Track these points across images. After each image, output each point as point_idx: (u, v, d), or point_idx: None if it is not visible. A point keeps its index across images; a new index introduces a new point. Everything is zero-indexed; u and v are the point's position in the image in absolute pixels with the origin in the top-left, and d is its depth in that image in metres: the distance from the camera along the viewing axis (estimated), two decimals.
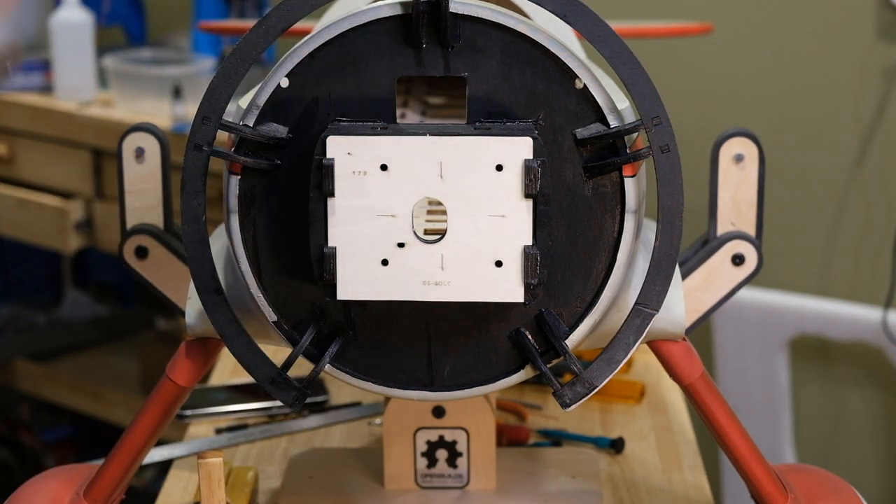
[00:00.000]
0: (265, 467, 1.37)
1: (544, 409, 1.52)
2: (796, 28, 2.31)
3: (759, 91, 2.35)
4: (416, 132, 1.00)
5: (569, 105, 1.02)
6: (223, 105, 1.01)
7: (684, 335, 1.16)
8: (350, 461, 1.33)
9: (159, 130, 1.21)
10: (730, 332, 2.37)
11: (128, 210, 1.22)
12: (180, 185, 1.04)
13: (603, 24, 1.00)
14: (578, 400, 1.05)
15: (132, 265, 1.23)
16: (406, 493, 1.27)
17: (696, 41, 2.31)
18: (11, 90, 2.57)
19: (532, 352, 1.05)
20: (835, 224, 2.35)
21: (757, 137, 1.19)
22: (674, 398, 1.55)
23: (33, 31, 2.74)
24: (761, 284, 2.32)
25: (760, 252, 1.20)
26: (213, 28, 2.30)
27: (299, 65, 1.02)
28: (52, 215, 2.50)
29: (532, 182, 0.99)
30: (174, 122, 2.33)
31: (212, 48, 2.53)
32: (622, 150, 1.02)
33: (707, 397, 1.16)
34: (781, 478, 1.19)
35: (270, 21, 1.01)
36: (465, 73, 1.02)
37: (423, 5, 1.00)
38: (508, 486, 1.27)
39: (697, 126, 2.12)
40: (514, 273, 1.01)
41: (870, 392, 2.39)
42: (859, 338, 2.29)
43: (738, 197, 1.20)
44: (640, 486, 1.34)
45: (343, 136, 1.00)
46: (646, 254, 1.06)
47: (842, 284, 2.36)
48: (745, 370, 2.38)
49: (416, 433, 1.26)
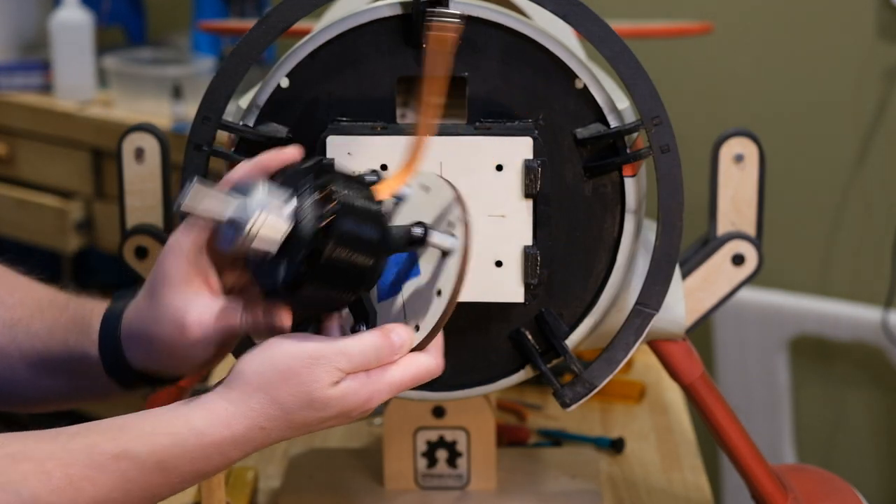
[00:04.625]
0: (265, 467, 1.37)
1: (544, 409, 1.52)
2: (796, 28, 2.30)
3: (759, 91, 2.35)
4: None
5: (569, 105, 1.02)
6: (223, 105, 1.01)
7: (684, 335, 1.16)
8: (350, 461, 1.33)
9: (159, 130, 1.21)
10: (730, 332, 2.37)
11: (128, 210, 1.22)
12: (180, 185, 1.04)
13: (603, 24, 1.00)
14: (578, 400, 1.05)
15: (132, 265, 1.23)
16: (406, 493, 1.27)
17: (696, 41, 2.31)
18: (11, 90, 2.57)
19: (532, 352, 1.05)
20: (835, 224, 2.35)
21: (757, 137, 1.19)
22: (674, 398, 1.55)
23: (33, 31, 2.74)
24: (761, 284, 2.32)
25: (760, 252, 1.20)
26: (213, 28, 2.30)
27: (299, 65, 1.02)
28: (51, 215, 2.50)
29: (532, 182, 0.99)
30: (174, 122, 2.33)
31: (212, 48, 2.53)
32: (622, 150, 1.02)
33: (707, 397, 1.16)
34: (781, 478, 1.19)
35: (270, 21, 1.01)
36: (465, 73, 1.02)
37: (423, 5, 1.00)
38: (508, 486, 1.27)
39: (697, 126, 2.11)
40: (514, 273, 1.01)
41: (870, 392, 2.39)
42: (859, 338, 2.29)
43: (738, 197, 1.20)
44: (640, 486, 1.34)
45: (343, 136, 1.00)
46: (646, 254, 1.06)
47: (842, 284, 2.36)
48: (745, 370, 2.38)
49: (416, 433, 1.26)
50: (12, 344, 1.00)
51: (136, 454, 0.84)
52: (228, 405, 0.87)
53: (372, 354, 0.88)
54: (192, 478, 0.86)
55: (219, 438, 0.86)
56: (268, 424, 0.86)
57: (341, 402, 0.87)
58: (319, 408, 0.87)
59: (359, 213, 0.87)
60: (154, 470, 0.84)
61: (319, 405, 0.87)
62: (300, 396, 0.86)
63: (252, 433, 0.86)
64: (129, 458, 0.84)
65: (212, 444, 0.86)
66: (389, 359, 0.88)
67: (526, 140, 0.99)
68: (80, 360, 0.98)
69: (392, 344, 0.88)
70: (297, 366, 0.86)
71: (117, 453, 0.84)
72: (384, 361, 0.88)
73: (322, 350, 0.87)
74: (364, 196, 0.88)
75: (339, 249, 0.85)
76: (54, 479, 0.82)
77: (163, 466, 0.84)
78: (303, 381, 0.86)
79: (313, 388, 0.86)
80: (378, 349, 0.88)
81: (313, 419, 0.87)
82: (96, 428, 0.85)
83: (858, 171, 2.31)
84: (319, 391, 0.86)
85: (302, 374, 0.86)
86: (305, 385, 0.86)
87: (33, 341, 0.99)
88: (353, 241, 0.86)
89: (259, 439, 0.87)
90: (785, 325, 2.34)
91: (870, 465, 2.41)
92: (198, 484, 1.08)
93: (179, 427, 0.86)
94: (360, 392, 0.88)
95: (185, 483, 0.87)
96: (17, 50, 2.70)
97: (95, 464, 0.83)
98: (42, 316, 1.00)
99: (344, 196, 0.86)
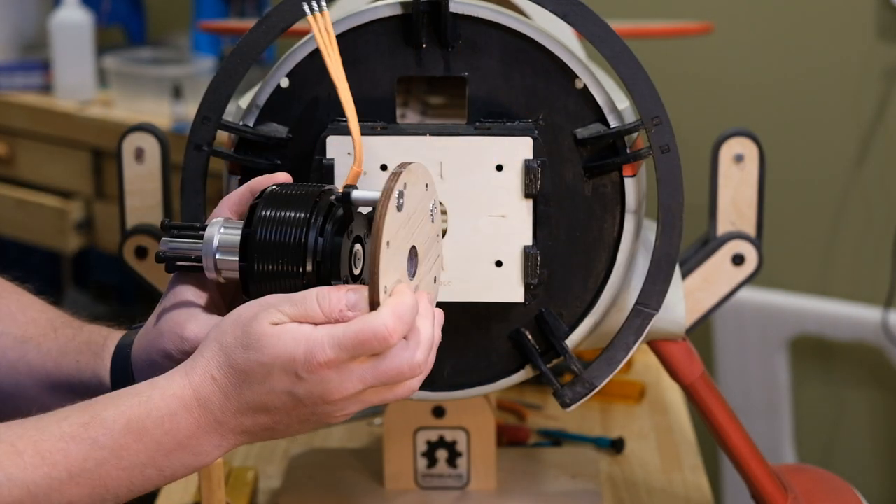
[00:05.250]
0: (265, 467, 1.37)
1: (544, 409, 1.52)
2: (796, 28, 2.30)
3: (759, 91, 2.35)
4: (416, 132, 1.00)
5: (569, 105, 1.02)
6: (223, 105, 1.01)
7: (684, 335, 1.16)
8: (350, 461, 1.33)
9: (159, 130, 1.21)
10: (730, 332, 2.37)
11: (128, 210, 1.22)
12: (180, 185, 1.04)
13: (603, 24, 1.00)
14: (578, 400, 1.05)
15: (132, 265, 1.23)
16: (406, 493, 1.27)
17: (696, 41, 2.31)
18: (11, 90, 2.57)
19: (532, 352, 1.05)
20: (835, 224, 2.35)
21: (757, 137, 1.19)
22: (674, 398, 1.55)
23: (33, 31, 2.74)
24: (761, 284, 2.32)
25: (760, 252, 1.20)
26: (213, 28, 2.30)
27: (299, 65, 1.02)
28: (51, 215, 2.50)
29: (532, 182, 0.99)
30: (174, 122, 2.33)
31: (212, 48, 2.53)
32: (622, 150, 1.02)
33: (707, 397, 1.16)
34: (781, 478, 1.19)
35: (270, 21, 1.01)
36: (465, 73, 1.02)
37: (423, 5, 1.00)
38: (508, 486, 1.27)
39: (697, 126, 2.11)
40: (514, 273, 1.01)
41: (870, 392, 2.39)
42: (859, 338, 2.29)
43: (738, 197, 1.20)
44: (640, 486, 1.34)
45: (343, 136, 1.00)
46: (646, 254, 1.06)
47: (842, 284, 2.36)
48: (745, 370, 2.38)
49: (416, 433, 1.26)
50: (22, 360, 1.01)
51: (104, 417, 0.84)
52: (189, 361, 0.88)
53: (314, 302, 0.85)
54: (170, 448, 0.86)
55: (179, 390, 0.86)
56: (217, 373, 0.86)
57: (279, 342, 0.84)
58: (256, 346, 0.85)
59: (284, 196, 0.89)
60: (123, 432, 0.84)
61: (255, 342, 0.85)
62: (238, 334, 0.86)
63: (205, 383, 0.86)
64: (97, 423, 0.84)
65: (174, 397, 0.86)
66: (338, 313, 0.85)
67: (526, 140, 0.99)
68: (88, 382, 0.99)
69: (343, 297, 0.85)
70: (245, 313, 0.87)
71: (86, 420, 0.84)
72: (330, 314, 0.85)
73: (270, 298, 0.87)
74: (300, 187, 0.91)
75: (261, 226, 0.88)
76: (26, 455, 0.82)
77: (131, 427, 0.85)
78: (244, 320, 0.86)
79: (251, 324, 0.85)
80: (322, 297, 0.85)
81: (253, 365, 0.85)
82: (68, 407, 0.87)
83: (858, 171, 2.31)
84: (256, 326, 0.85)
85: (244, 314, 0.86)
86: (245, 323, 0.86)
87: (44, 359, 1.01)
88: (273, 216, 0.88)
89: (218, 397, 0.86)
90: (785, 325, 2.34)
91: (870, 465, 2.41)
92: (198, 484, 1.08)
93: (144, 388, 0.87)
94: (297, 335, 0.84)
95: (165, 455, 0.86)
96: (17, 50, 2.70)
97: (66, 435, 0.84)
98: (55, 335, 1.02)
99: (272, 190, 0.90)
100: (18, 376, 1.01)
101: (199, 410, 0.86)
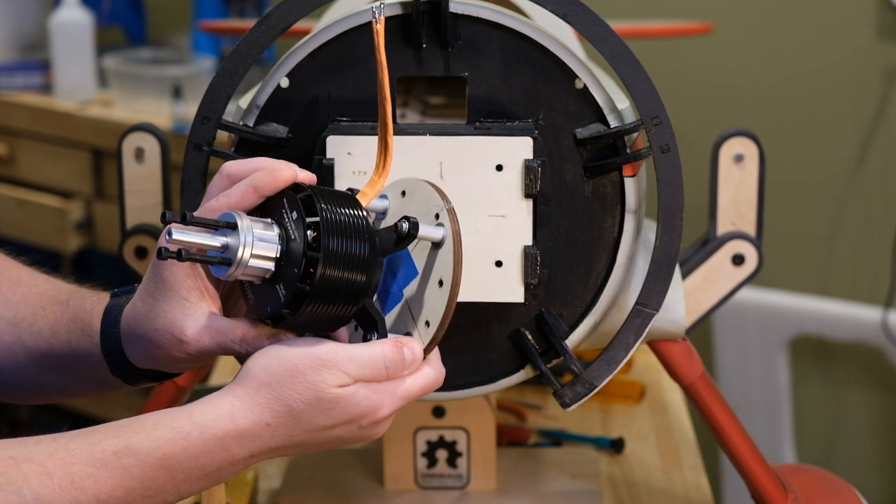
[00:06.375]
0: (265, 467, 1.37)
1: (544, 409, 1.52)
2: (796, 28, 2.30)
3: (759, 91, 2.35)
4: (416, 132, 1.00)
5: (569, 105, 1.02)
6: (223, 105, 1.01)
7: (684, 335, 1.16)
8: (350, 461, 1.33)
9: (159, 130, 1.21)
10: (730, 332, 2.37)
11: (128, 210, 1.22)
12: (180, 185, 1.04)
13: (603, 24, 1.00)
14: (578, 400, 1.05)
15: (132, 265, 1.23)
16: (406, 493, 1.27)
17: (696, 41, 2.31)
18: (11, 90, 2.57)
19: (532, 352, 1.05)
20: (835, 224, 2.35)
21: (757, 137, 1.19)
22: (674, 398, 1.55)
23: (33, 31, 2.74)
24: (761, 284, 2.32)
25: (760, 252, 1.20)
26: (213, 28, 2.30)
27: (299, 65, 1.02)
28: (51, 215, 2.50)
29: (532, 182, 0.99)
30: (174, 122, 2.33)
31: (212, 48, 2.53)
32: (622, 150, 1.02)
33: (707, 397, 1.16)
34: (781, 478, 1.19)
35: (270, 21, 1.01)
36: (465, 73, 1.02)
37: (423, 5, 1.00)
38: (508, 486, 1.27)
39: (697, 126, 2.11)
40: (514, 273, 1.01)
41: (870, 392, 2.39)
42: (859, 338, 2.29)
43: (738, 197, 1.20)
44: (640, 486, 1.34)
45: (343, 136, 1.00)
46: (646, 254, 1.06)
47: (842, 284, 2.36)
48: (745, 370, 2.38)
49: (416, 433, 1.26)
50: (17, 342, 1.00)
51: (138, 449, 0.83)
52: (234, 400, 0.86)
53: (381, 365, 0.87)
54: (196, 477, 0.85)
55: (222, 432, 0.84)
56: (273, 421, 0.86)
57: (349, 403, 0.86)
58: (326, 407, 0.86)
59: (344, 222, 0.86)
60: (156, 466, 0.83)
61: (326, 404, 0.86)
62: (306, 395, 0.85)
63: (257, 428, 0.85)
64: (131, 454, 0.83)
65: (214, 438, 0.84)
66: (400, 373, 0.88)
67: (526, 140, 0.99)
68: (83, 359, 0.98)
69: (404, 359, 0.88)
70: (304, 365, 0.86)
71: (119, 449, 0.83)
72: (394, 375, 0.88)
73: (331, 353, 0.86)
74: (346, 204, 0.88)
75: (332, 260, 0.85)
76: (56, 478, 0.81)
77: (165, 462, 0.84)
78: (309, 381, 0.85)
79: (320, 388, 0.85)
80: (388, 361, 0.87)
81: (320, 421, 0.86)
82: (98, 428, 0.85)
83: (858, 171, 2.31)
84: (326, 390, 0.85)
85: (308, 373, 0.86)
86: (312, 384, 0.85)
87: (37, 340, 0.99)
88: (344, 249, 0.85)
89: (265, 438, 0.86)
90: (785, 325, 2.34)
91: (870, 465, 2.41)
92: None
93: (182, 422, 0.85)
94: (370, 397, 0.87)
95: (189, 483, 0.85)
96: (17, 50, 2.70)
97: (97, 461, 0.82)
98: (45, 314, 1.00)
99: (325, 209, 0.86)
100: (16, 358, 1.00)
101: (237, 448, 0.86)
